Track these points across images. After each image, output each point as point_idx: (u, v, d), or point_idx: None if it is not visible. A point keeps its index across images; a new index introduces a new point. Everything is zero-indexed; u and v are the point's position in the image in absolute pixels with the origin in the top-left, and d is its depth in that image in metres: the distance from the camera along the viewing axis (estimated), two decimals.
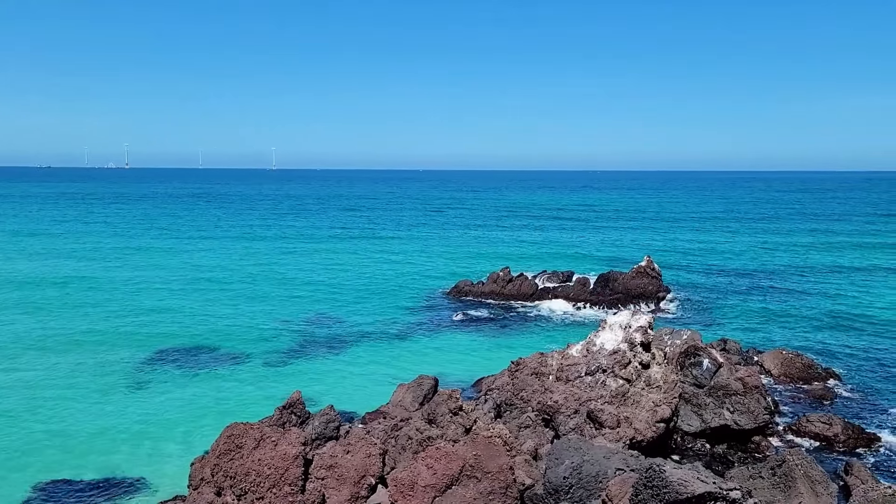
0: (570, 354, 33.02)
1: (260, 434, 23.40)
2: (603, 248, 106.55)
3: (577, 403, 29.97)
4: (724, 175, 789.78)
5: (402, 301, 64.64)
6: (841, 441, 31.91)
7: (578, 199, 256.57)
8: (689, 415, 32.64)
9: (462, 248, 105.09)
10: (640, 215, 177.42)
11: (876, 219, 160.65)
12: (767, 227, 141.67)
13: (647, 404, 29.91)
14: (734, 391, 32.22)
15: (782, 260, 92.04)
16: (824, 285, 72.66)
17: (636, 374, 31.40)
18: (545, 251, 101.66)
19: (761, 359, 43.03)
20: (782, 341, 49.44)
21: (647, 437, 28.56)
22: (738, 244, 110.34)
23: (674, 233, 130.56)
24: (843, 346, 48.98)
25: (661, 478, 17.13)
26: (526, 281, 66.64)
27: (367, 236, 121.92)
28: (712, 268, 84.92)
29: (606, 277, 66.75)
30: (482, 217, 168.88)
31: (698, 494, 16.56)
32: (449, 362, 45.00)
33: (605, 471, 22.25)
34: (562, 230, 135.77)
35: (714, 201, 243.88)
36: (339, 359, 46.04)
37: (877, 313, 58.73)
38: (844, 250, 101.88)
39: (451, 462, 22.31)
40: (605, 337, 33.16)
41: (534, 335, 52.31)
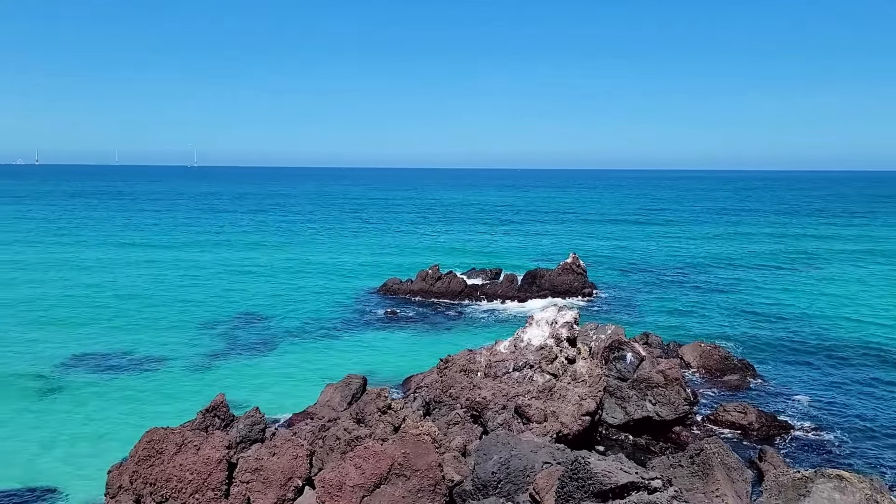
0: (498, 351, 33.30)
1: (181, 438, 22.66)
2: (530, 245, 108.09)
3: (505, 399, 30.23)
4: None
5: (329, 300, 63.88)
6: (755, 429, 33.29)
7: (505, 198, 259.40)
8: (614, 407, 33.43)
9: (390, 247, 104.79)
10: (567, 213, 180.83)
11: (786, 216, 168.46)
12: (688, 224, 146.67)
13: (573, 398, 30.44)
14: (656, 383, 33.16)
15: (701, 256, 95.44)
16: (739, 280, 75.72)
17: (562, 369, 31.92)
18: (473, 249, 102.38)
19: (681, 352, 44.46)
20: (701, 334, 51.22)
21: (573, 431, 29.07)
22: (660, 241, 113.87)
23: (599, 230, 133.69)
24: (757, 337, 51.12)
25: (586, 470, 17.43)
26: (455, 278, 66.92)
27: (290, 235, 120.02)
28: (635, 264, 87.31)
29: (533, 274, 67.75)
30: (410, 215, 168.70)
31: (621, 485, 16.93)
32: (378, 361, 44.73)
33: (532, 465, 22.51)
34: (489, 228, 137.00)
35: (638, 199, 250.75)
36: (264, 360, 45.12)
37: (787, 306, 61.58)
38: (757, 246, 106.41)
39: (380, 461, 22.14)
40: (532, 333, 33.59)
41: (462, 332, 52.57)
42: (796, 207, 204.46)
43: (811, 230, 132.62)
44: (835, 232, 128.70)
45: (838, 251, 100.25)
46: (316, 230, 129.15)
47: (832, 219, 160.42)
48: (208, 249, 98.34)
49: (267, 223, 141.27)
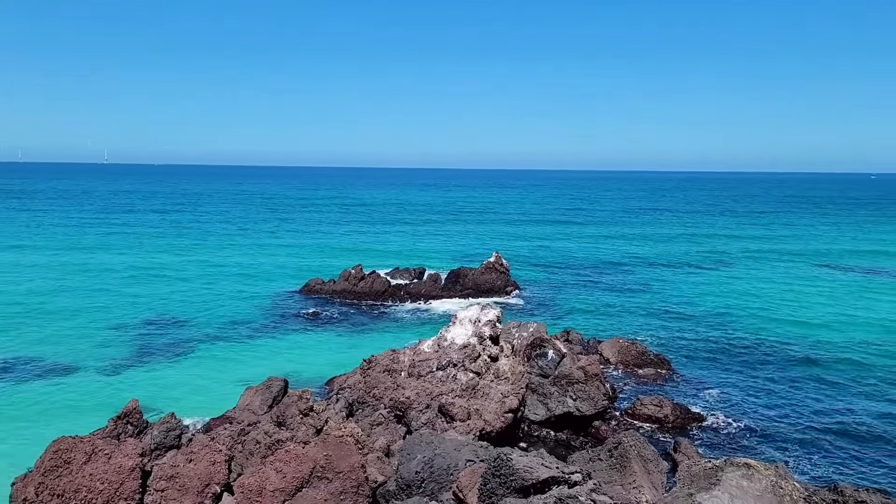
0: (422, 350, 33.31)
1: (91, 447, 21.68)
2: (453, 245, 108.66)
3: (428, 398, 30.26)
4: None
5: (247, 302, 62.37)
6: (671, 421, 34.46)
7: (427, 197, 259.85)
8: (536, 404, 33.94)
9: (311, 247, 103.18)
10: (489, 213, 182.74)
11: (699, 216, 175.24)
12: (607, 223, 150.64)
13: (496, 396, 30.74)
14: (576, 380, 33.86)
15: (618, 255, 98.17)
16: (654, 278, 78.28)
17: (485, 367, 32.20)
18: (396, 248, 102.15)
19: (601, 348, 45.58)
20: (619, 330, 52.67)
21: (496, 428, 29.36)
22: (580, 240, 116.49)
23: (521, 229, 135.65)
24: (672, 332, 52.96)
25: (508, 466, 17.61)
26: (378, 278, 66.56)
27: (205, 235, 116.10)
28: (557, 263, 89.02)
29: (457, 273, 68.13)
30: (332, 215, 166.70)
31: (543, 479, 17.18)
32: (300, 362, 44.00)
33: (455, 463, 22.58)
34: (412, 227, 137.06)
35: (560, 199, 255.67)
36: (181, 364, 43.67)
37: (698, 303, 64.07)
38: (671, 244, 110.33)
39: (301, 464, 21.76)
40: (455, 332, 33.74)
41: (386, 332, 52.33)
42: (706, 207, 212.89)
43: (720, 230, 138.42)
44: (742, 231, 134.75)
45: (745, 250, 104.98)
46: (231, 230, 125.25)
47: (739, 218, 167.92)
48: (117, 251, 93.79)
49: (181, 223, 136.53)
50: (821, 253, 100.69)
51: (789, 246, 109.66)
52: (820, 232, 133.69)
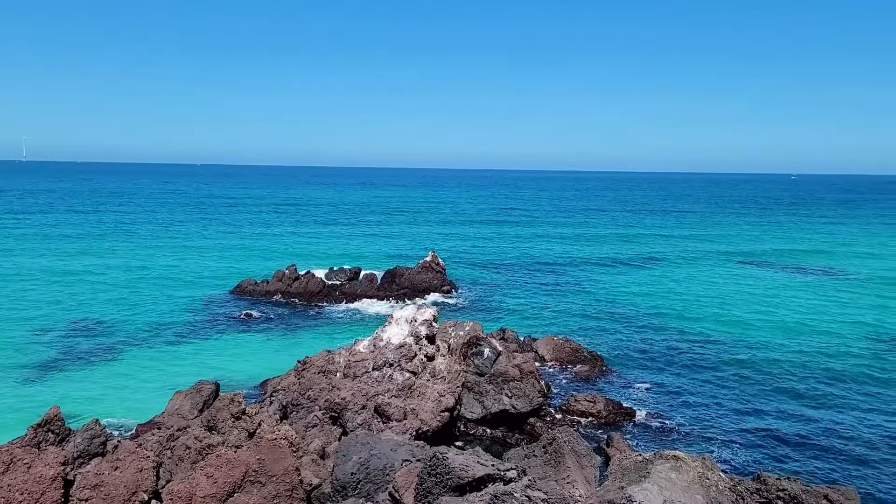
0: (358, 350, 33.04)
1: (9, 457, 20.66)
2: (389, 244, 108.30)
3: (364, 399, 30.02)
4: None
5: (176, 304, 60.58)
6: (603, 416, 35.16)
7: (362, 196, 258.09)
8: (472, 402, 34.09)
9: (243, 247, 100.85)
10: (425, 212, 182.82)
11: (631, 216, 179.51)
12: (542, 223, 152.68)
13: (433, 395, 30.74)
14: (512, 377, 34.16)
15: (553, 254, 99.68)
16: (587, 275, 79.82)
17: (422, 367, 32.17)
18: (331, 248, 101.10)
19: (536, 345, 46.15)
20: (554, 328, 53.45)
21: (432, 427, 29.35)
22: (515, 239, 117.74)
23: (457, 229, 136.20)
24: (604, 329, 54.07)
25: (444, 465, 17.61)
26: (313, 278, 65.75)
27: (130, 236, 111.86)
28: (493, 262, 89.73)
29: (393, 273, 67.92)
30: (265, 215, 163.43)
31: (478, 477, 17.24)
32: (232, 365, 43.03)
33: (392, 463, 22.46)
34: (348, 227, 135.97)
35: (496, 199, 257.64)
36: (106, 370, 42.09)
37: (630, 300, 65.62)
38: (604, 244, 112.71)
39: (233, 469, 21.27)
40: (391, 331, 33.60)
41: (321, 333, 51.71)
42: (637, 207, 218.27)
43: (651, 229, 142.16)
44: (671, 231, 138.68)
45: (674, 249, 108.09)
46: (158, 231, 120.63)
47: (669, 218, 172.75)
48: (34, 254, 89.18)
49: (104, 223, 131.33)
50: (745, 251, 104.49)
51: (716, 244, 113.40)
52: (743, 231, 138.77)
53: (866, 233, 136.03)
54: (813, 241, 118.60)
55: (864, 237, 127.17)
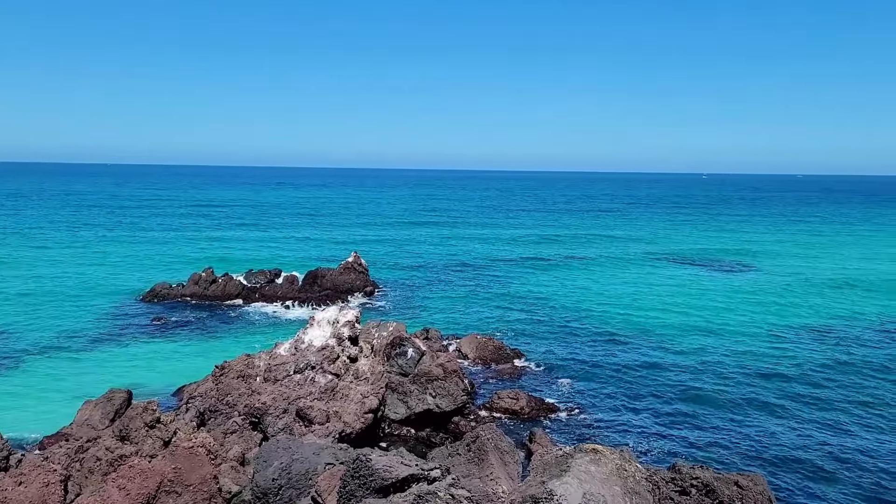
0: (279, 354, 32.38)
1: None
2: (311, 245, 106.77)
3: (286, 403, 29.45)
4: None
5: (86, 309, 57.85)
6: (526, 413, 35.65)
7: (281, 197, 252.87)
8: (396, 403, 33.95)
9: (157, 250, 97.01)
10: (347, 212, 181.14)
11: (552, 215, 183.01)
12: (464, 222, 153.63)
13: (356, 397, 30.45)
14: (436, 377, 34.21)
15: (476, 253, 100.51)
16: (508, 274, 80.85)
17: (345, 368, 31.81)
18: (250, 249, 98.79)
19: (459, 344, 46.42)
20: (477, 327, 53.86)
21: (356, 429, 29.07)
22: (437, 239, 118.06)
23: (380, 229, 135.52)
24: (526, 327, 54.85)
25: (367, 467, 17.42)
26: (231, 281, 64.12)
27: (30, 238, 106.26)
28: (416, 262, 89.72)
29: (315, 274, 66.96)
30: (180, 217, 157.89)
31: (402, 478, 17.14)
32: (145, 372, 41.43)
33: (314, 467, 22.08)
34: (266, 228, 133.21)
35: (419, 198, 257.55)
36: (8, 380, 39.80)
37: (552, 298, 66.84)
38: (526, 243, 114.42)
39: (147, 479, 20.46)
40: (313, 334, 33.09)
41: (240, 337, 50.45)
42: (556, 206, 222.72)
43: (570, 227, 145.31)
44: (590, 229, 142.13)
45: (594, 246, 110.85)
46: (62, 234, 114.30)
47: (588, 216, 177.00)
48: None
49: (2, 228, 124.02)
50: (661, 249, 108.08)
51: (634, 242, 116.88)
52: (658, 229, 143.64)
53: (773, 231, 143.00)
54: (724, 240, 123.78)
55: (770, 235, 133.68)
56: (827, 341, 50.82)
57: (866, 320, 57.69)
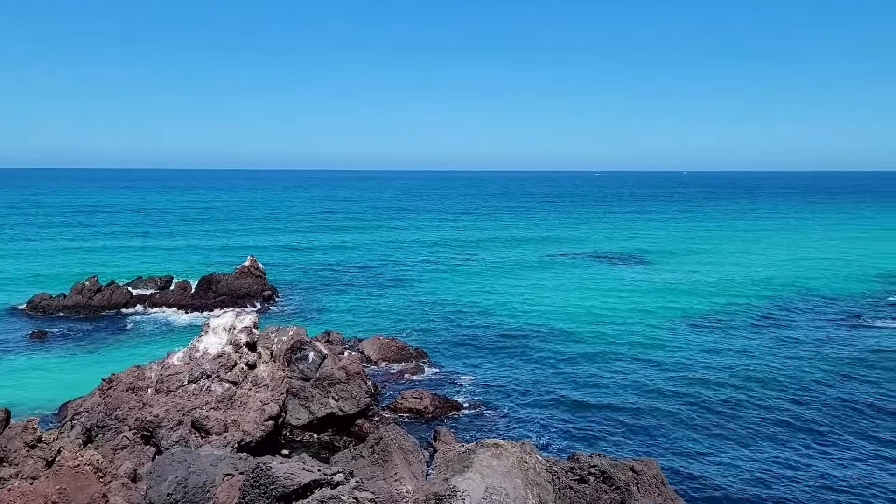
0: (172, 363, 31.06)
1: None
2: (204, 250, 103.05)
3: (180, 414, 28.29)
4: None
5: None
6: (430, 412, 35.78)
7: (170, 200, 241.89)
8: (298, 408, 33.28)
9: (34, 258, 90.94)
10: (241, 215, 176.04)
11: (451, 214, 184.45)
12: (362, 224, 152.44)
13: (255, 404, 29.64)
14: (338, 380, 33.78)
15: (376, 254, 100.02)
16: (409, 275, 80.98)
17: (243, 376, 30.90)
18: (137, 256, 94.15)
19: (362, 346, 46.05)
20: (379, 328, 53.62)
21: (256, 438, 28.29)
22: (338, 241, 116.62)
23: (277, 231, 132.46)
24: (429, 327, 55.09)
25: (268, 475, 16.97)
26: (118, 289, 61.00)
27: None
28: (315, 265, 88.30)
29: (209, 280, 64.66)
30: (57, 220, 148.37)
31: (304, 484, 16.80)
32: (24, 390, 38.72)
33: (212, 479, 21.34)
34: (155, 232, 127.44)
35: (317, 200, 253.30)
36: None
37: (452, 297, 67.43)
38: (425, 243, 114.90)
39: (29, 502, 19.13)
40: (208, 341, 31.94)
41: (130, 348, 48.07)
42: (456, 205, 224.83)
43: (469, 227, 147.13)
44: (489, 227, 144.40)
45: (492, 245, 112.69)
46: None
47: (486, 215, 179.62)
48: None
49: None
50: (555, 246, 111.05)
51: (530, 240, 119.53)
52: (555, 226, 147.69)
53: (663, 227, 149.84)
54: (615, 235, 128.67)
55: (661, 231, 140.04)
56: (710, 330, 53.75)
57: (744, 310, 61.30)
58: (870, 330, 53.50)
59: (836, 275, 79.28)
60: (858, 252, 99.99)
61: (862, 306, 62.16)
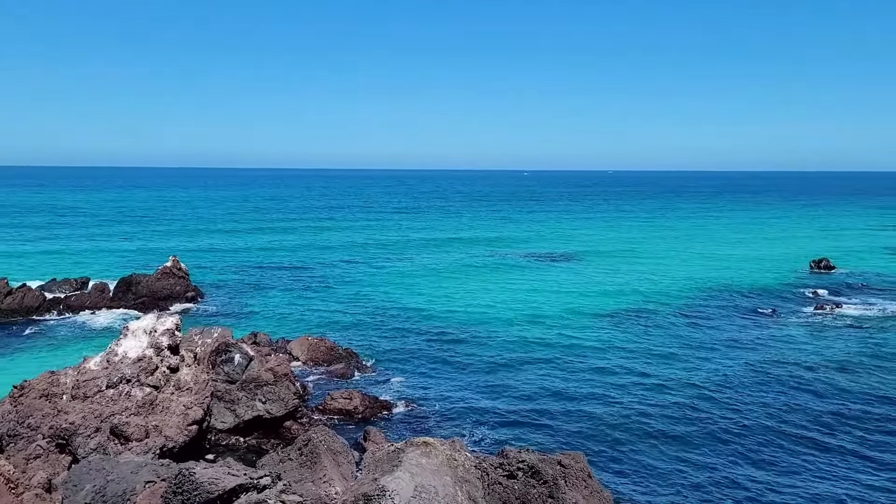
0: (88, 368, 29.80)
1: None
2: (124, 250, 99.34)
3: (98, 420, 27.19)
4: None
5: None
6: (360, 412, 35.50)
7: (83, 199, 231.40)
8: (223, 411, 32.50)
9: None
10: (163, 214, 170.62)
11: (377, 213, 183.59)
12: (288, 223, 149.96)
13: (178, 409, 28.77)
14: (265, 382, 33.14)
15: (302, 254, 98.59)
16: (337, 273, 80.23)
17: (165, 380, 29.93)
18: (49, 257, 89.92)
19: (290, 347, 45.28)
20: (308, 328, 52.85)
21: (178, 443, 27.46)
22: (264, 240, 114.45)
23: (200, 231, 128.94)
24: (358, 326, 54.70)
25: (191, 481, 16.48)
26: (29, 292, 58.09)
27: None
28: (241, 265, 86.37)
29: (129, 281, 62.34)
30: None
31: (230, 489, 16.40)
32: None
33: (133, 487, 20.59)
34: (69, 232, 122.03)
35: (239, 200, 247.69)
36: None
37: (381, 296, 67.13)
38: (353, 242, 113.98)
39: None
40: (127, 345, 30.80)
41: (43, 353, 45.92)
42: (381, 204, 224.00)
43: (398, 225, 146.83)
44: (419, 226, 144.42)
45: (422, 242, 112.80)
46: None
47: (417, 214, 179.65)
48: None
49: None
50: (486, 245, 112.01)
51: (460, 240, 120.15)
52: (486, 224, 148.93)
53: (589, 225, 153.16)
54: (543, 234, 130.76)
55: (588, 230, 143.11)
56: (633, 328, 55.18)
57: (664, 308, 63.26)
58: (783, 323, 56.10)
59: (751, 271, 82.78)
60: (774, 249, 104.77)
61: (775, 299, 65.11)
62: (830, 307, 60.60)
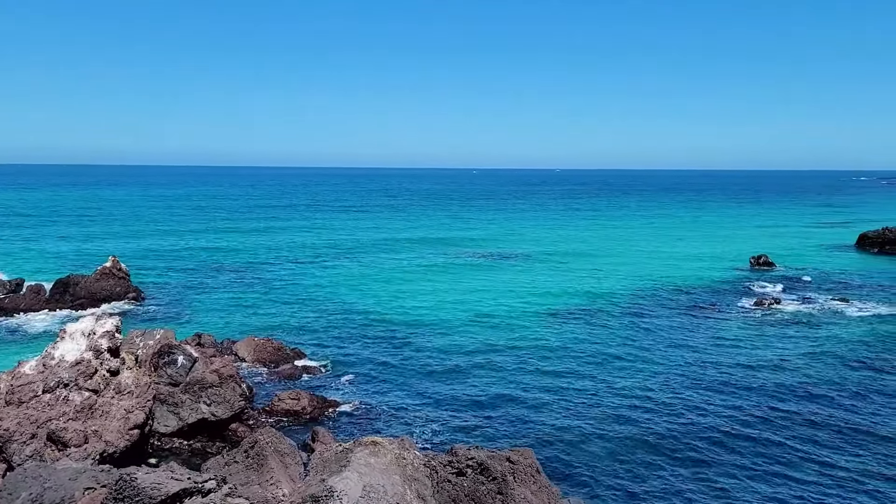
0: (23, 373, 28.76)
1: None
2: (62, 251, 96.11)
3: (34, 427, 26.28)
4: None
5: None
6: (308, 412, 35.14)
7: (11, 197, 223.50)
8: (166, 415, 31.78)
9: None
10: (99, 213, 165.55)
11: (324, 211, 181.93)
12: (233, 222, 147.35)
13: (119, 413, 28.01)
14: (210, 383, 32.53)
15: (248, 253, 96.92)
16: (283, 273, 79.17)
17: (104, 383, 29.10)
18: None
19: (235, 348, 44.53)
20: (254, 328, 52.04)
21: (119, 448, 26.75)
22: (208, 240, 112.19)
23: (140, 231, 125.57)
24: (305, 326, 54.09)
25: (132, 486, 16.05)
26: None
27: None
28: (184, 265, 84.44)
29: (66, 282, 60.33)
30: None
31: (173, 493, 16.02)
32: None
33: (71, 494, 19.95)
34: (4, 233, 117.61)
35: (180, 198, 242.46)
36: None
37: (327, 295, 66.50)
38: (299, 240, 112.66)
39: None
40: (65, 348, 29.83)
41: None
42: (328, 203, 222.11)
43: (344, 223, 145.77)
44: (364, 224, 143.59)
45: (369, 241, 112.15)
46: None
47: (361, 213, 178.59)
48: None
49: None
50: (432, 242, 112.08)
51: (409, 239, 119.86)
52: (437, 222, 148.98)
53: (540, 224, 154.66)
54: (490, 231, 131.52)
55: (539, 230, 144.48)
56: (581, 325, 56.00)
57: (612, 305, 64.38)
58: (724, 318, 57.68)
59: (693, 268, 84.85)
60: (716, 246, 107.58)
61: (716, 295, 66.88)
62: (769, 302, 62.47)
